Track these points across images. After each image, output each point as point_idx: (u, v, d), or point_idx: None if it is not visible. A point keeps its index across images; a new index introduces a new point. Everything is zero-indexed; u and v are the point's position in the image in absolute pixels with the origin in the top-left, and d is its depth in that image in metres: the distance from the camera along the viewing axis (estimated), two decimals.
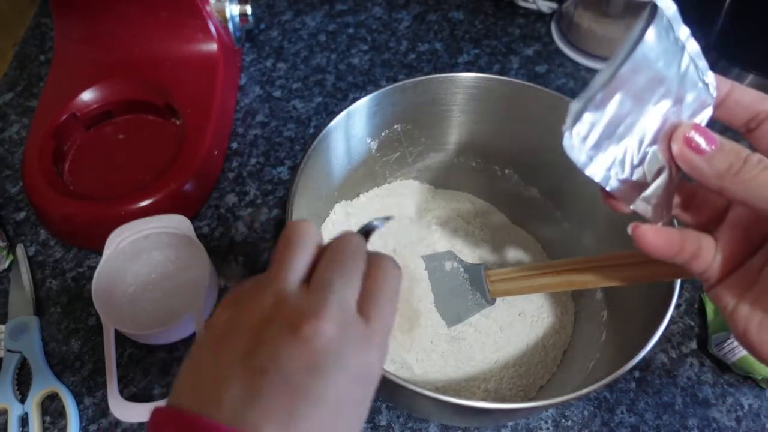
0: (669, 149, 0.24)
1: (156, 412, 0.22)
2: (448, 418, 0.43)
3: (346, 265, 0.26)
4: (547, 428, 0.45)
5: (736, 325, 0.26)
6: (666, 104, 0.24)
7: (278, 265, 0.25)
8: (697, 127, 0.24)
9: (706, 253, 0.26)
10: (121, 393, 0.44)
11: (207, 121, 0.56)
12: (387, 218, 0.31)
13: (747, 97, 0.26)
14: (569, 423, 0.46)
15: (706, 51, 0.25)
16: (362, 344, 0.24)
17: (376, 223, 0.30)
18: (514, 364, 0.46)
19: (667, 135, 0.24)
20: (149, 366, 0.47)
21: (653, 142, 0.24)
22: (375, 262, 0.27)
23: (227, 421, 0.21)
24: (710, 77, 0.25)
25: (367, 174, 0.52)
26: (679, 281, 0.36)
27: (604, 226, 0.46)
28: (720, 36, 0.57)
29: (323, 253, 0.27)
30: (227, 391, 0.22)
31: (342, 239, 0.27)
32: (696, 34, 0.24)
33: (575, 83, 0.67)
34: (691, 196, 0.28)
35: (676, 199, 0.28)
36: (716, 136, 0.24)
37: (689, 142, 0.24)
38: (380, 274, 0.26)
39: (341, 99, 0.65)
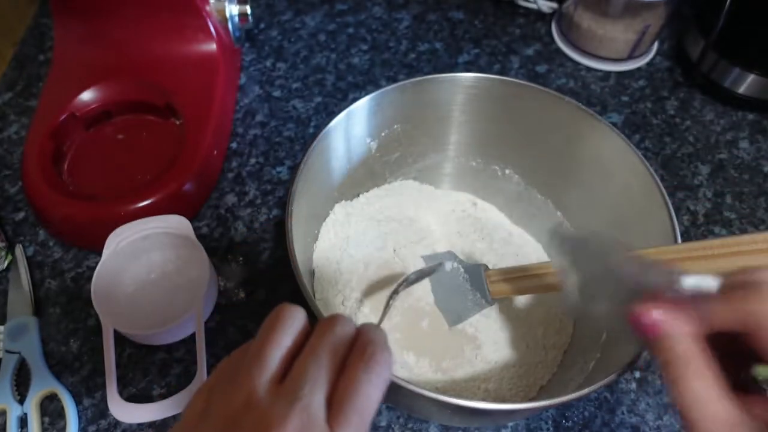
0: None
1: None
2: (448, 418, 0.43)
3: (320, 363, 0.25)
4: (548, 428, 0.45)
5: None
6: None
7: (256, 356, 0.25)
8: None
9: None
10: (121, 393, 0.44)
11: (207, 121, 0.56)
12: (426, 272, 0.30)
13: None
14: (569, 423, 0.45)
15: (707, 51, 0.25)
16: None
17: (412, 277, 0.29)
18: (514, 364, 0.46)
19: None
20: (148, 366, 0.47)
21: None
22: (359, 352, 0.26)
23: None
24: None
25: (367, 174, 0.52)
26: None
27: (603, 226, 0.46)
28: (720, 36, 0.57)
29: (308, 341, 0.26)
30: None
31: (326, 326, 0.26)
32: (696, 33, 0.24)
33: (575, 83, 0.67)
34: None
35: None
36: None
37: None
38: (358, 374, 0.25)
39: (341, 99, 0.65)
